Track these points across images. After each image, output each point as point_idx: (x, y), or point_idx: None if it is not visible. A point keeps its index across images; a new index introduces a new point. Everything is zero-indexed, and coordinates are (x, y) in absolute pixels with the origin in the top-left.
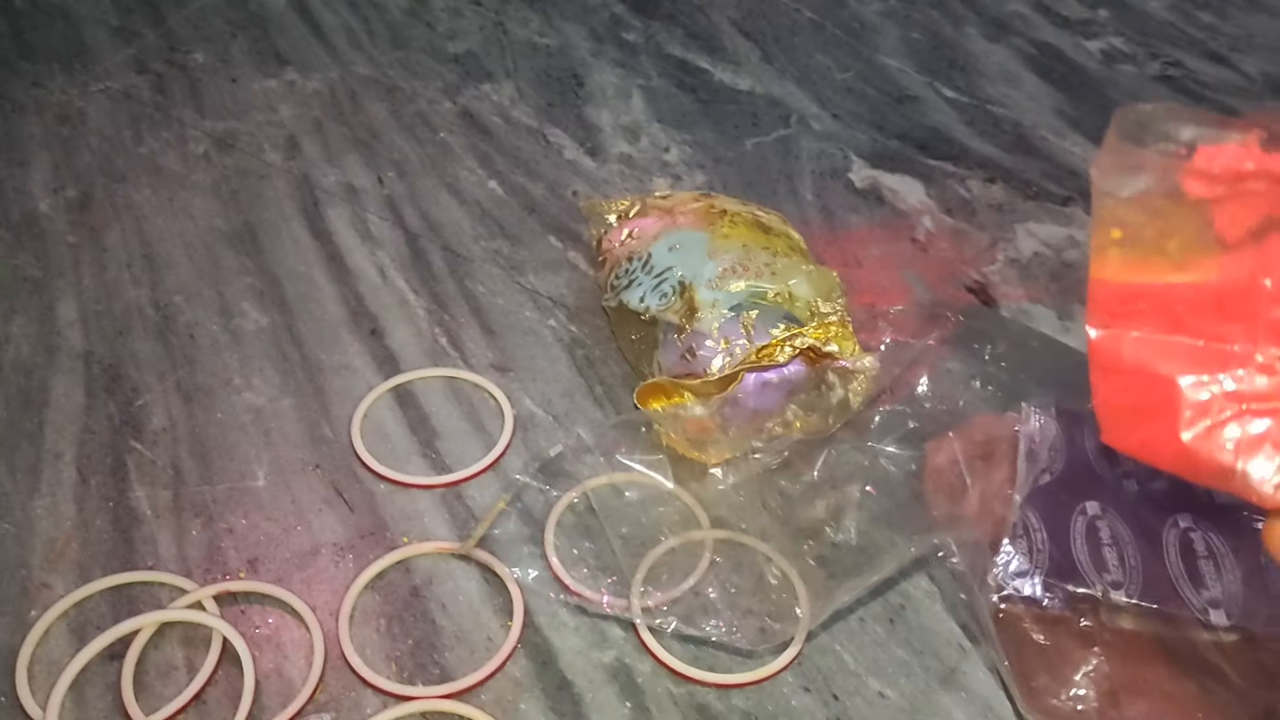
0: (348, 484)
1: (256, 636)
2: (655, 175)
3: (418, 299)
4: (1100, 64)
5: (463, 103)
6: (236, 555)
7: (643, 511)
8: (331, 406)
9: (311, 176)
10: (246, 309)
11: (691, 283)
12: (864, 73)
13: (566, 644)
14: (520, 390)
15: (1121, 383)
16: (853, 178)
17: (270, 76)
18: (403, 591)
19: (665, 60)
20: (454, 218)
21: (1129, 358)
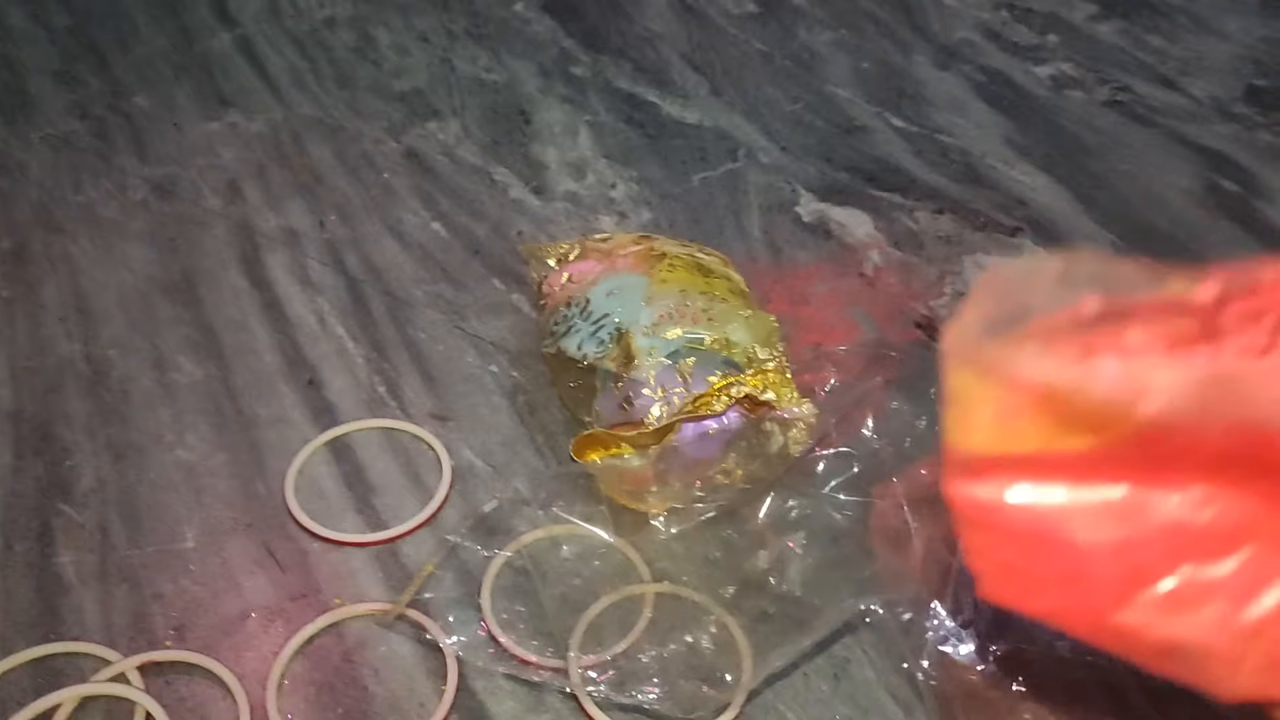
0: (280, 543)
1: (181, 708)
2: (601, 213)
3: (357, 346)
4: (1049, 90)
5: (408, 142)
6: (163, 622)
7: (582, 565)
8: (266, 462)
9: (252, 222)
10: (181, 361)
11: (628, 330)
12: (813, 104)
13: (502, 709)
14: (460, 440)
15: (1003, 540)
16: (800, 211)
17: (213, 119)
18: (334, 657)
19: (613, 95)
20: (396, 261)
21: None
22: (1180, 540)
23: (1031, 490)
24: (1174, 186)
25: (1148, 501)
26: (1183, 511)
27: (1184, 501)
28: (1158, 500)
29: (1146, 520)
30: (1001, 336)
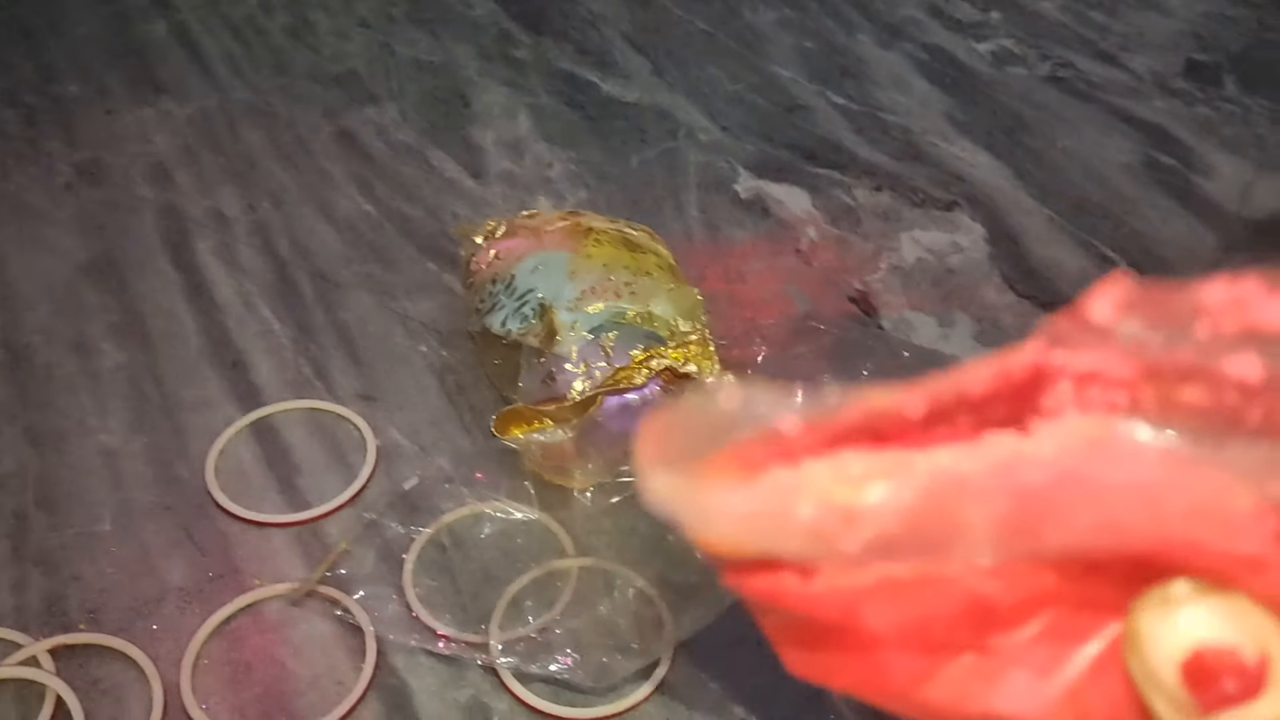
0: (199, 526)
1: (94, 691)
2: (538, 194)
3: (284, 329)
4: (990, 67)
5: (344, 126)
6: (79, 606)
7: (506, 542)
8: (188, 445)
9: (181, 207)
10: (105, 347)
11: (551, 305)
12: (755, 83)
13: (422, 684)
14: (386, 420)
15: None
16: (738, 189)
17: (145, 105)
18: (252, 637)
19: (554, 76)
20: (327, 243)
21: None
22: (973, 613)
23: (801, 581)
24: (1112, 161)
25: (930, 580)
26: (970, 584)
27: (969, 574)
28: (940, 578)
29: (934, 597)
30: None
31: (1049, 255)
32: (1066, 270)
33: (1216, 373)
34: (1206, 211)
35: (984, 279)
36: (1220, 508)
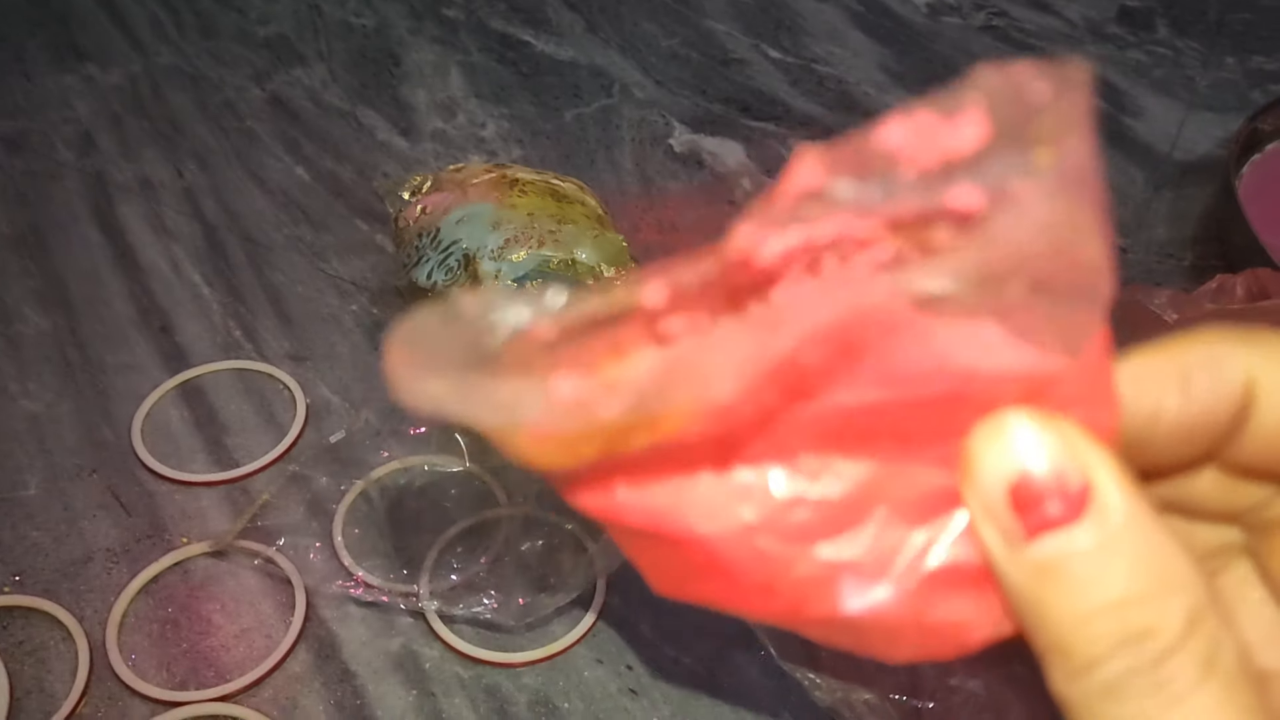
0: (126, 487)
1: (18, 652)
2: (470, 152)
3: (212, 292)
4: (926, 18)
5: (272, 89)
6: (3, 570)
7: (437, 494)
8: (113, 408)
9: (106, 173)
10: (27, 313)
11: (475, 255)
12: (690, 38)
13: (351, 635)
14: (317, 378)
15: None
16: (673, 143)
17: (68, 72)
18: (179, 594)
19: (487, 35)
20: (256, 207)
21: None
22: (806, 517)
23: (632, 491)
24: None
25: (752, 483)
26: (796, 487)
27: (793, 476)
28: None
29: (760, 502)
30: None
31: None
32: None
33: (948, 210)
34: (1137, 152)
35: None
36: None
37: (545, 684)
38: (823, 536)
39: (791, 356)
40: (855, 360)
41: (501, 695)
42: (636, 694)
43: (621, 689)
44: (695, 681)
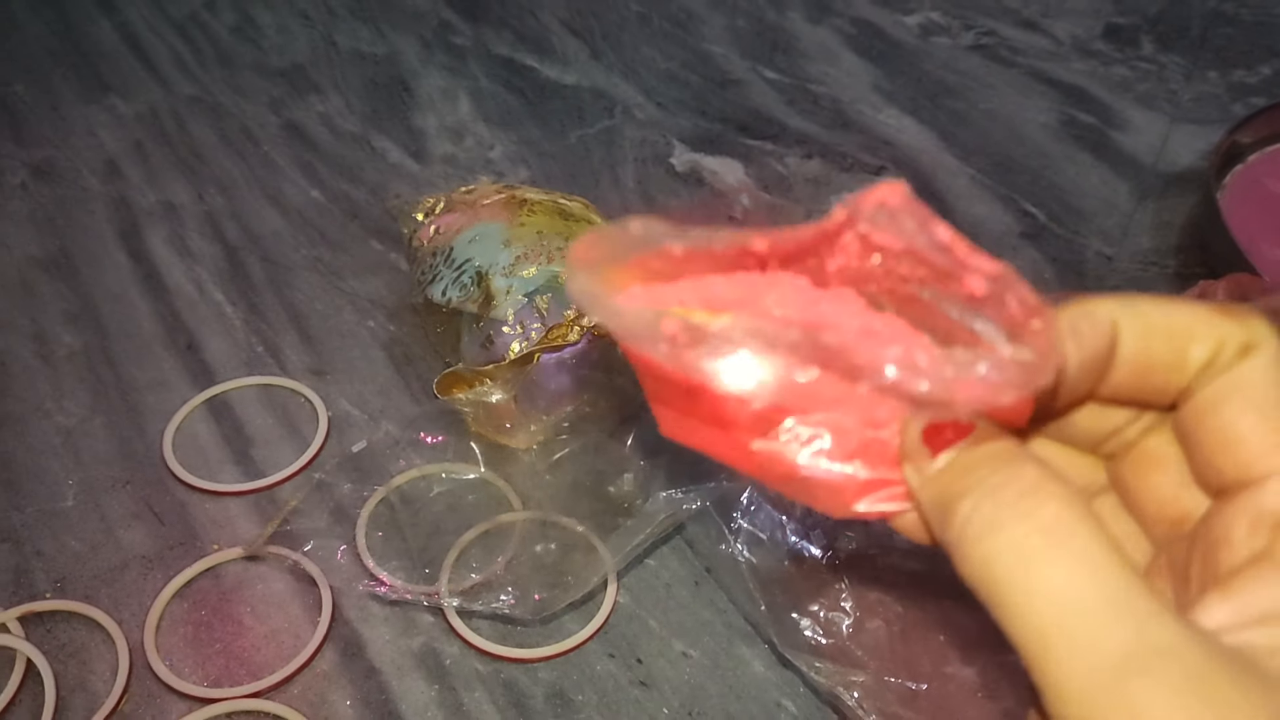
0: (158, 498)
1: (61, 654)
2: (479, 174)
3: (235, 310)
4: (917, 38)
5: (288, 116)
6: (44, 577)
7: (454, 499)
8: (144, 423)
9: (131, 199)
10: (60, 334)
11: (488, 272)
12: (689, 61)
13: (375, 634)
14: (337, 392)
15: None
16: (674, 162)
17: (92, 103)
18: (211, 598)
19: (493, 62)
20: (275, 229)
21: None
22: (786, 396)
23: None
24: (1033, 121)
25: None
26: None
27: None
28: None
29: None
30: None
31: (972, 212)
32: (989, 226)
33: (953, 283)
34: (1122, 164)
35: None
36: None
37: (560, 678)
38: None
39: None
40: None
41: (519, 689)
42: (647, 686)
43: (632, 681)
44: (702, 674)
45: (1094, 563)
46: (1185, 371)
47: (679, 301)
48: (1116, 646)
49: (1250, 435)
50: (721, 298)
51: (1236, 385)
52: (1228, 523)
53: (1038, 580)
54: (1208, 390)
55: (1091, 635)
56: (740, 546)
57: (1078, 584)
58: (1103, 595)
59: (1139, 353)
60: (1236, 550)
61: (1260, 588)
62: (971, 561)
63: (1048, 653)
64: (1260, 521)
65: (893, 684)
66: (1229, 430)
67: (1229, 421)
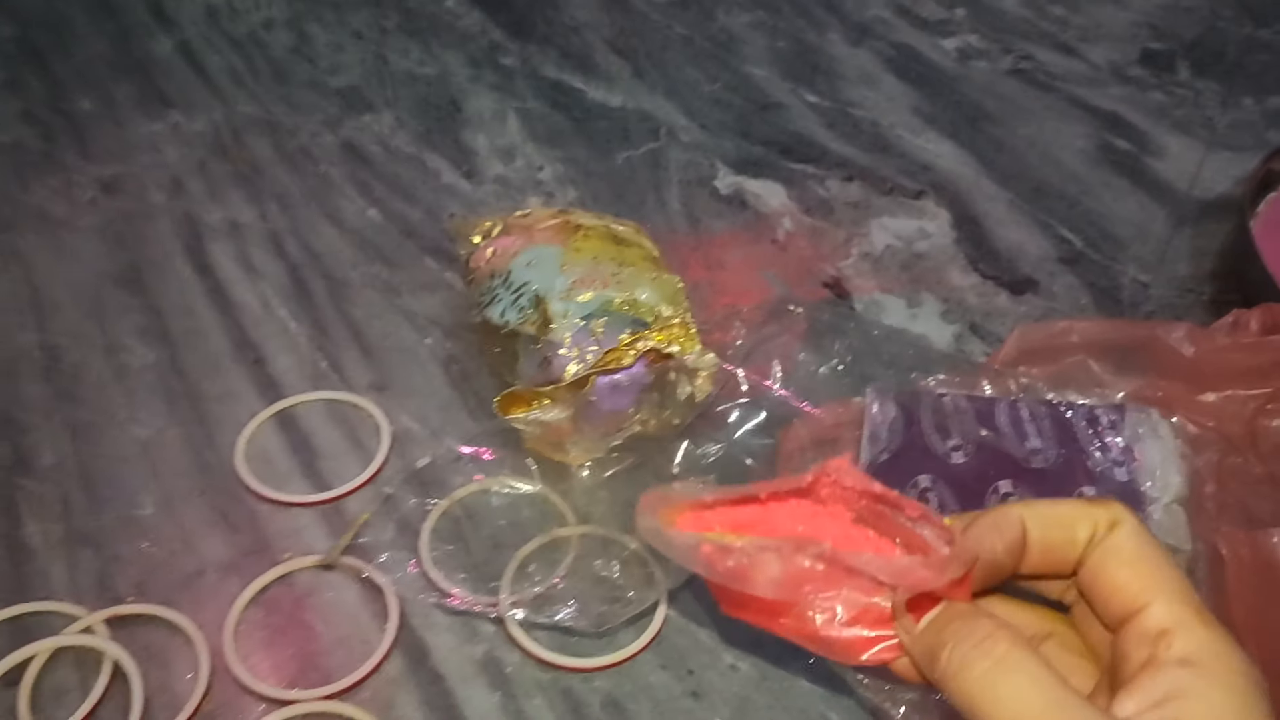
0: (231, 507)
1: (145, 655)
2: (529, 194)
3: (299, 326)
4: (955, 62)
5: (344, 134)
6: (125, 581)
7: (512, 513)
8: (215, 434)
9: (195, 214)
10: (132, 345)
11: (545, 296)
12: (731, 83)
13: (439, 642)
14: (398, 407)
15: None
16: (718, 185)
17: (155, 120)
18: (284, 604)
19: (540, 82)
20: (334, 246)
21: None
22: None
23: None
24: (1069, 147)
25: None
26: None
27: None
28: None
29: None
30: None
31: (1010, 237)
32: (1026, 251)
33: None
34: (1158, 190)
35: (949, 261)
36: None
37: (615, 687)
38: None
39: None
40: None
41: (576, 697)
42: (698, 697)
43: (684, 692)
44: (750, 686)
45: (1035, 679)
46: (1076, 547)
47: (713, 527)
48: None
49: (1127, 582)
50: (743, 521)
51: (1111, 550)
52: (1125, 645)
53: (998, 696)
54: (1093, 558)
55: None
56: None
57: (1025, 694)
58: (1043, 699)
59: (1041, 539)
60: (1132, 662)
61: (1150, 683)
62: (954, 692)
63: None
64: (1145, 638)
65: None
66: (1112, 582)
67: (1111, 575)
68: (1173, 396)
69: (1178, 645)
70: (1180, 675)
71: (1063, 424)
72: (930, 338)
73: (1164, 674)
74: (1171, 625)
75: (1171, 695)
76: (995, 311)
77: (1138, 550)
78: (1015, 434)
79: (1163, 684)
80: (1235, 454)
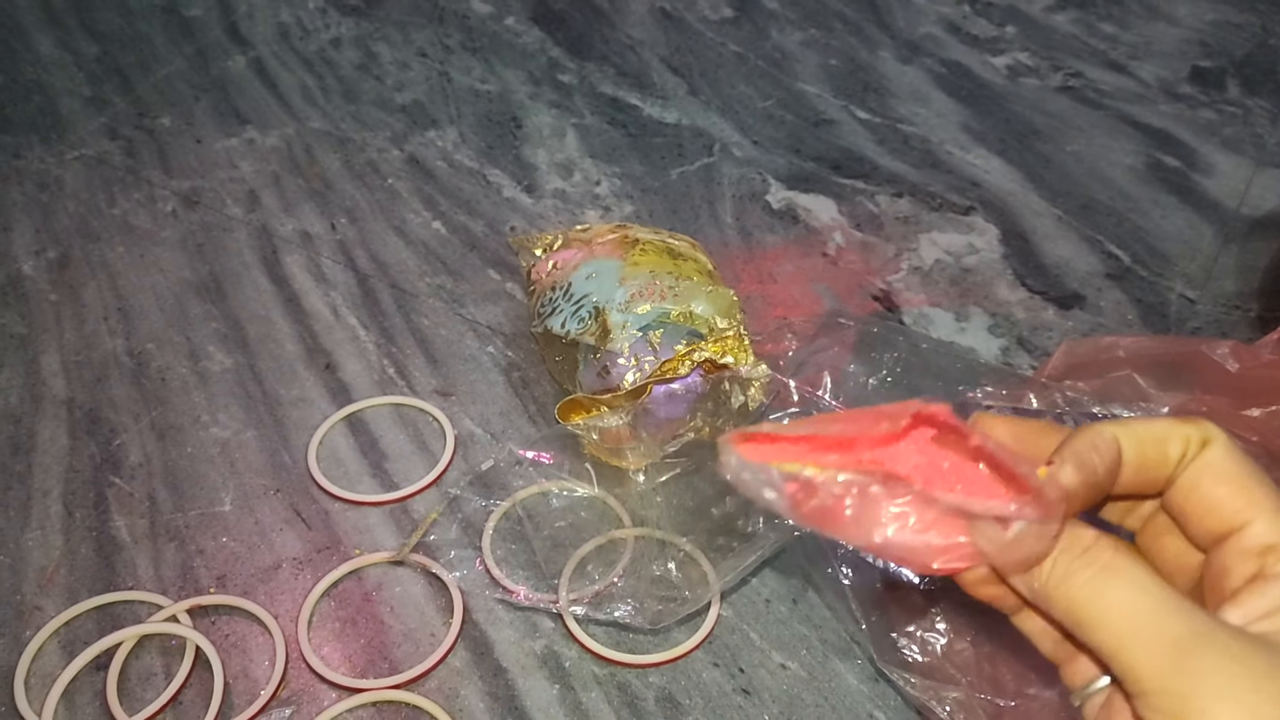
0: (305, 505)
1: (225, 643)
2: (587, 208)
3: (367, 334)
4: (1005, 79)
5: (409, 150)
6: (207, 573)
7: (571, 515)
8: (290, 436)
9: (270, 226)
10: (212, 352)
11: (605, 307)
12: (784, 100)
13: (501, 636)
14: (461, 412)
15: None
16: (770, 200)
17: (231, 135)
18: (355, 597)
19: (598, 99)
20: (401, 258)
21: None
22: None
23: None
24: (1118, 164)
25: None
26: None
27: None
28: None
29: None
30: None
31: (1058, 253)
32: (1074, 266)
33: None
34: (1206, 208)
35: (997, 276)
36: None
37: (669, 683)
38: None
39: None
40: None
41: (632, 691)
42: (749, 694)
43: (735, 689)
44: (799, 685)
45: (1144, 584)
46: (1168, 465)
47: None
48: (1170, 633)
49: (1225, 499)
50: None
51: (1206, 467)
52: (1224, 561)
53: (1108, 601)
54: (1186, 475)
55: (1152, 629)
56: (845, 570)
57: (1136, 598)
58: (1154, 602)
59: (1136, 456)
60: (1235, 577)
61: (1261, 596)
62: (1057, 601)
63: (1123, 648)
64: (1248, 554)
65: (982, 700)
66: (1208, 499)
67: (1207, 493)
68: (1217, 411)
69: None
70: None
71: None
72: (978, 351)
73: (1274, 586)
74: (1278, 541)
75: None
76: (1042, 326)
77: (1234, 467)
78: None
79: (1273, 596)
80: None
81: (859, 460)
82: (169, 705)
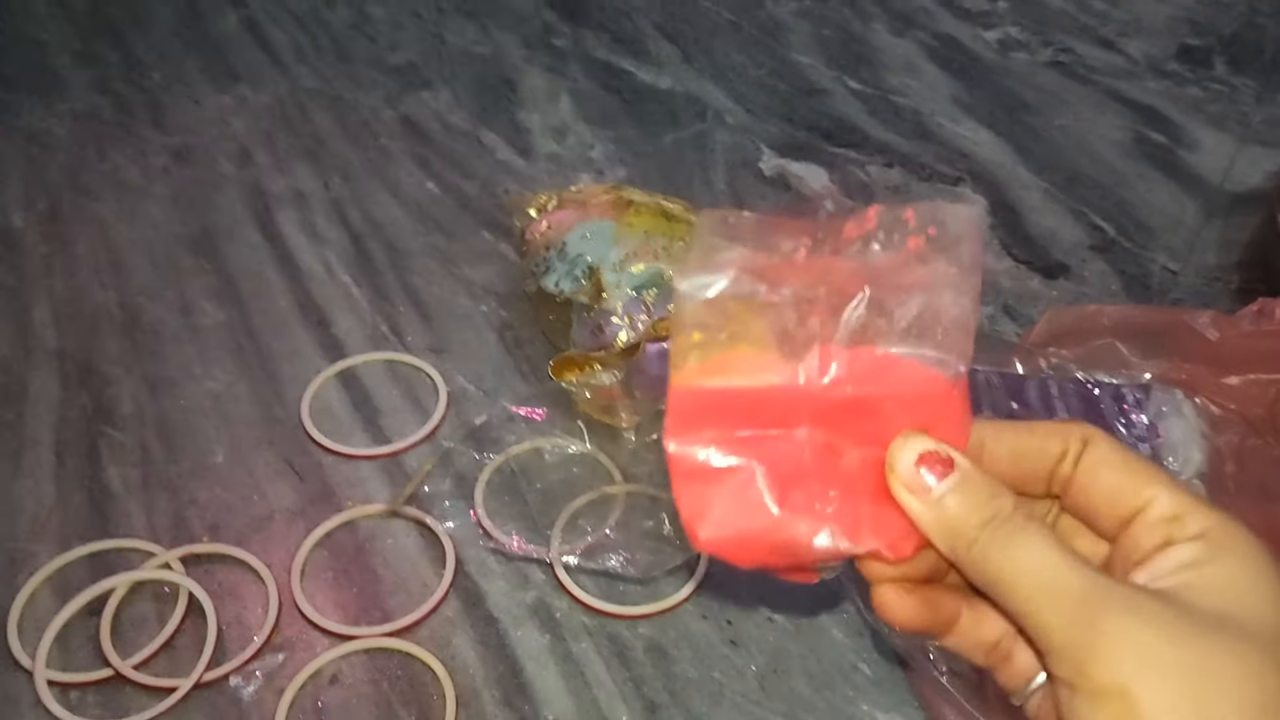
0: (298, 458)
1: (219, 591)
2: (580, 171)
3: (361, 291)
4: (996, 53)
5: (403, 110)
6: (200, 523)
7: (563, 470)
8: (283, 390)
9: (263, 184)
10: (205, 306)
11: (599, 267)
12: (777, 69)
13: (493, 587)
14: (454, 369)
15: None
16: (762, 167)
17: (224, 93)
18: (348, 548)
19: (592, 64)
20: (394, 216)
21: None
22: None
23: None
24: (1105, 139)
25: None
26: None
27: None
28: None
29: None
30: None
31: (1044, 224)
32: (1060, 237)
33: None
34: (1190, 183)
35: (985, 246)
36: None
37: (658, 634)
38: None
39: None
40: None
41: (621, 642)
42: (736, 645)
43: (723, 640)
44: (785, 637)
45: (1049, 544)
46: (1048, 459)
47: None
48: (1075, 589)
49: (1125, 483)
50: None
51: (1100, 460)
52: (1134, 538)
53: (1018, 563)
54: (1082, 471)
55: (1057, 586)
56: None
57: (1043, 556)
58: (1058, 560)
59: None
60: (1144, 548)
61: (1166, 558)
62: (975, 564)
63: (1031, 606)
64: (1155, 526)
65: None
66: (1109, 486)
67: (1107, 481)
68: (1197, 379)
69: (1191, 524)
70: (1196, 547)
71: (1090, 400)
72: None
73: (1179, 549)
74: (1182, 511)
75: (1186, 565)
76: (1028, 295)
77: (1124, 456)
78: (1044, 409)
79: (1176, 556)
80: (1255, 436)
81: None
82: (162, 649)
